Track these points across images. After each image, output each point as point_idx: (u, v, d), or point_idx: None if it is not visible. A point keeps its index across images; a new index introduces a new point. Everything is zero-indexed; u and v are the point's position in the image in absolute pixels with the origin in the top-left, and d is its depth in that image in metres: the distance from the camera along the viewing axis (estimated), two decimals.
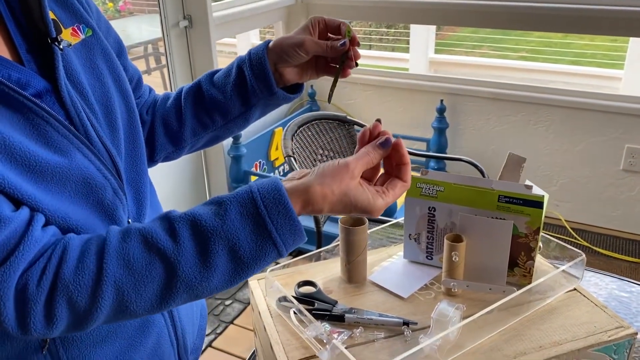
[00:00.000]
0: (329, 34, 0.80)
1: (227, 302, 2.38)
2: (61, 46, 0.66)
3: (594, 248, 2.67)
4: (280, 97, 0.83)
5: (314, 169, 0.65)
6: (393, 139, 0.66)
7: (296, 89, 0.86)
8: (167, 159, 0.94)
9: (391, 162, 0.68)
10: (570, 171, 2.83)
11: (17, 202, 0.59)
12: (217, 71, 0.87)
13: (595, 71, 3.88)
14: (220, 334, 2.21)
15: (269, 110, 0.88)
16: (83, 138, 0.66)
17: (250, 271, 0.62)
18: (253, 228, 0.60)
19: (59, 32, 0.67)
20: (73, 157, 0.64)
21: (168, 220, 0.61)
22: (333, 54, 0.78)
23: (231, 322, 2.27)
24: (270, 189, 0.61)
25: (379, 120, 0.70)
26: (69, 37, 0.69)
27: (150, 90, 0.93)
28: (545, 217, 2.94)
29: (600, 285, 1.19)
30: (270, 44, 0.81)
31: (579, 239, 2.74)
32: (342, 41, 0.77)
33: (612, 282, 1.20)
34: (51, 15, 0.67)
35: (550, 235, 0.97)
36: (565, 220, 2.86)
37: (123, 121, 0.74)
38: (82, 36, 0.71)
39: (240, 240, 0.60)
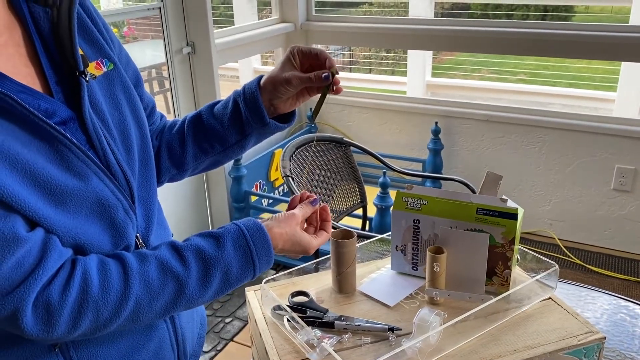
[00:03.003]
0: (309, 61, 0.89)
1: (227, 320, 2.43)
2: (87, 78, 0.74)
3: (587, 266, 2.72)
4: (273, 127, 0.92)
5: (271, 216, 0.86)
6: (319, 200, 0.91)
7: (288, 118, 0.95)
8: (171, 180, 1.02)
9: (317, 219, 0.91)
10: (563, 191, 2.90)
11: (33, 222, 0.66)
12: (217, 102, 0.97)
13: (590, 93, 3.97)
14: (220, 350, 2.26)
15: (263, 138, 0.97)
16: (99, 163, 0.73)
17: (230, 289, 0.80)
18: (242, 258, 0.78)
19: (85, 66, 0.75)
20: (90, 181, 0.72)
21: (176, 248, 0.76)
22: (319, 84, 0.87)
23: (231, 339, 2.32)
24: (255, 228, 0.80)
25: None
26: (93, 70, 0.77)
27: (162, 117, 1.03)
28: (539, 235, 2.99)
29: (592, 302, 1.24)
30: (262, 81, 0.90)
31: (573, 257, 2.79)
32: (326, 74, 0.85)
33: (602, 297, 1.26)
34: (79, 51, 0.75)
35: (539, 252, 1.03)
36: (559, 239, 2.91)
37: (137, 146, 0.83)
38: (105, 69, 0.79)
39: (232, 267, 0.77)
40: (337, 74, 0.86)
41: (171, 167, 0.98)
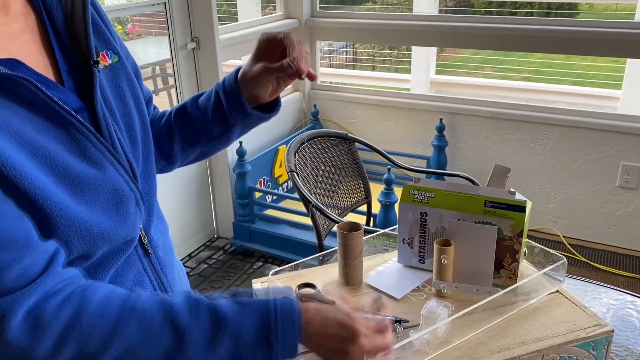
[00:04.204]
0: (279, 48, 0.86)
1: None
2: (99, 69, 0.75)
3: (592, 263, 2.72)
4: (255, 117, 0.91)
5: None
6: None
7: (273, 108, 0.94)
8: (161, 171, 1.02)
9: None
10: (568, 188, 2.89)
11: (48, 222, 0.64)
12: (202, 94, 0.96)
13: (595, 91, 3.96)
14: None
15: (249, 128, 0.96)
16: (115, 152, 0.73)
17: None
18: (260, 328, 0.68)
19: (97, 56, 0.75)
20: (106, 170, 0.71)
21: (193, 299, 0.69)
22: (288, 72, 0.83)
23: None
24: (287, 301, 0.70)
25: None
26: (100, 61, 0.77)
27: (155, 108, 1.03)
28: (544, 233, 2.97)
29: (598, 298, 1.24)
30: (239, 75, 0.89)
31: (577, 254, 2.78)
32: (287, 63, 0.82)
33: (608, 292, 1.25)
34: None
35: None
36: (563, 236, 2.91)
37: (140, 138, 0.83)
38: (110, 61, 0.80)
39: (245, 335, 0.68)
40: (295, 61, 0.81)
41: (160, 158, 0.98)
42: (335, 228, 1.01)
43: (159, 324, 0.67)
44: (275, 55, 0.86)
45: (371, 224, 2.29)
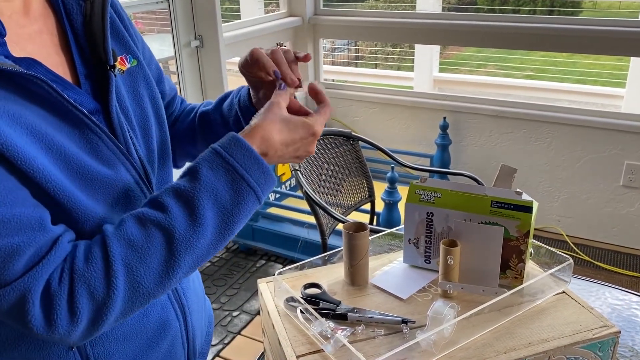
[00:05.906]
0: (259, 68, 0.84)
1: (235, 314, 2.43)
2: (115, 73, 0.75)
3: (596, 263, 2.71)
4: None
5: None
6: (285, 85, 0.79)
7: None
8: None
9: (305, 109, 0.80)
10: (571, 187, 2.89)
11: (62, 213, 0.66)
12: (226, 97, 0.95)
13: (599, 90, 3.96)
14: (227, 344, 2.26)
15: None
16: (128, 155, 0.74)
17: (236, 219, 0.69)
18: (226, 176, 0.68)
19: (114, 60, 0.76)
20: (118, 170, 0.72)
21: (152, 198, 0.69)
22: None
23: (238, 333, 2.33)
24: (229, 140, 0.70)
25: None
26: (118, 65, 0.77)
27: (182, 101, 1.02)
28: (547, 232, 2.98)
29: (602, 298, 1.24)
30: (254, 100, 0.88)
31: (581, 253, 2.78)
32: (282, 85, 0.80)
33: (613, 292, 1.26)
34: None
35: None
36: (567, 235, 2.91)
37: (157, 143, 0.83)
38: (128, 65, 0.80)
39: (218, 190, 0.67)
40: (281, 78, 0.80)
41: (182, 158, 0.99)
42: (341, 228, 1.01)
43: (139, 232, 0.65)
44: (264, 73, 0.83)
45: (374, 222, 2.29)
